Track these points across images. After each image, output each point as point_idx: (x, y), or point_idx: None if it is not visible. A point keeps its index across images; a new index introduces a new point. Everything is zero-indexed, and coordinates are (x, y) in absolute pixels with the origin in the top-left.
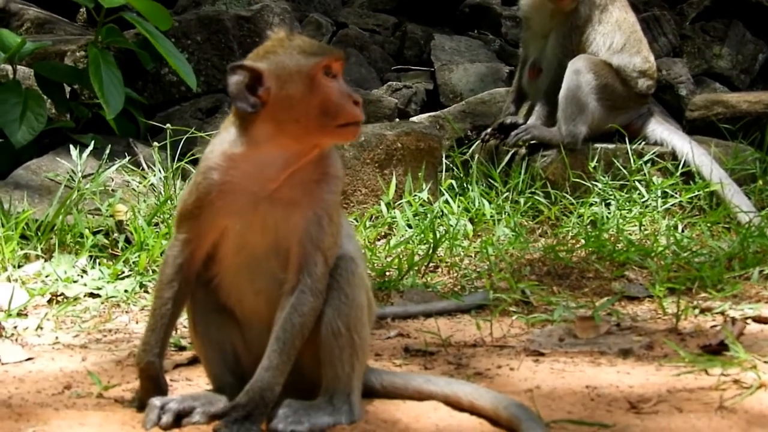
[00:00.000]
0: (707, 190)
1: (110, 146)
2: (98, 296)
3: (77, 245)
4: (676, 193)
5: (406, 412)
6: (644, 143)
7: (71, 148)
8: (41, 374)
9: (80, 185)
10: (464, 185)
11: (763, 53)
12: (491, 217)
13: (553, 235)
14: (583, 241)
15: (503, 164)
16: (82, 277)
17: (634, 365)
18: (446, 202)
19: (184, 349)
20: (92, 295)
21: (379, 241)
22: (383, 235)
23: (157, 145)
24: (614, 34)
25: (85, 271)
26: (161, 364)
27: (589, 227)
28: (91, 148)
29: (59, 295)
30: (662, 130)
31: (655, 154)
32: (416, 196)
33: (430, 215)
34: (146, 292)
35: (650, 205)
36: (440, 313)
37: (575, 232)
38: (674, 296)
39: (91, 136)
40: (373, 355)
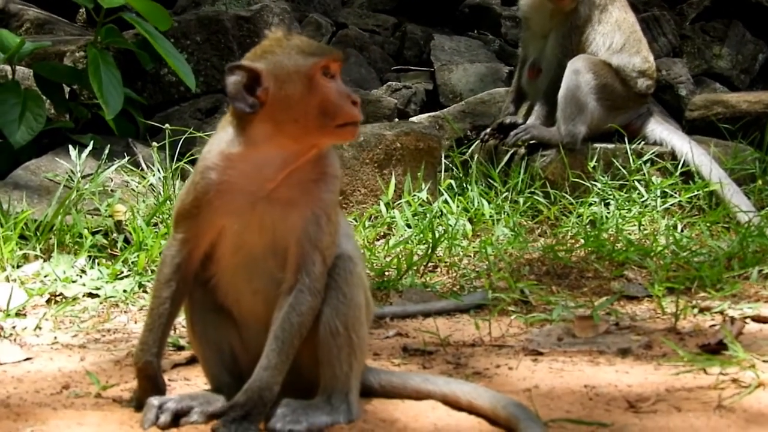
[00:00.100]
0: (707, 189)
1: (109, 146)
2: (97, 296)
3: (76, 245)
4: (675, 192)
5: (404, 411)
6: (644, 143)
7: (70, 148)
8: (40, 374)
9: (79, 185)
10: (463, 185)
11: (762, 53)
12: (490, 216)
13: (552, 234)
14: (582, 240)
15: (502, 164)
16: (80, 277)
17: (632, 364)
18: (445, 202)
19: (182, 348)
20: (91, 295)
21: (378, 241)
22: (382, 235)
23: (156, 145)
24: (614, 34)
25: (84, 271)
26: (159, 363)
27: (588, 227)
28: (90, 148)
29: (58, 295)
30: (662, 129)
31: (654, 153)
32: (415, 196)
33: (429, 215)
34: (145, 292)
35: (649, 204)
36: (439, 312)
37: (574, 231)
38: (673, 296)
39: (90, 136)
40: (371, 354)
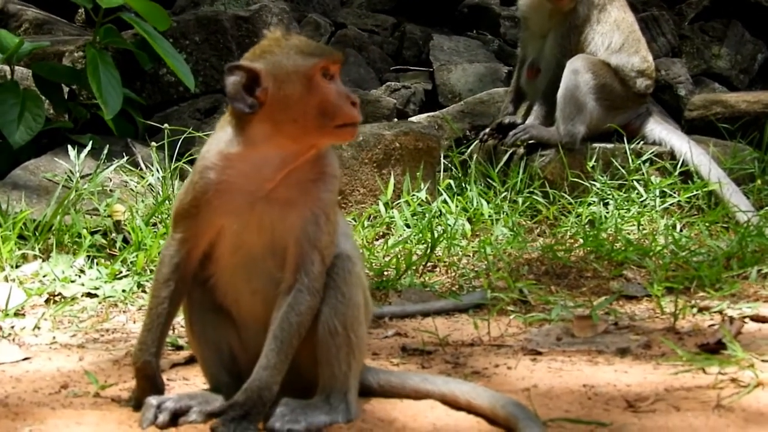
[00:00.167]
0: (706, 189)
1: (108, 146)
2: (96, 296)
3: (75, 245)
4: (674, 192)
5: (403, 411)
6: (643, 143)
7: (69, 148)
8: (38, 374)
9: (78, 185)
10: (462, 185)
11: (762, 53)
12: (489, 216)
13: (551, 234)
14: (581, 240)
15: (501, 164)
16: (79, 276)
17: (631, 364)
18: (444, 201)
19: (181, 348)
20: (90, 294)
21: (377, 240)
22: (381, 234)
23: (155, 145)
24: (613, 33)
25: (82, 270)
26: (158, 363)
27: (587, 227)
28: (89, 148)
29: (57, 294)
30: (661, 129)
31: (653, 153)
32: (414, 195)
33: (428, 215)
34: (144, 292)
35: (648, 204)
36: (438, 312)
37: (573, 231)
38: (672, 295)
39: (89, 136)
40: (370, 354)
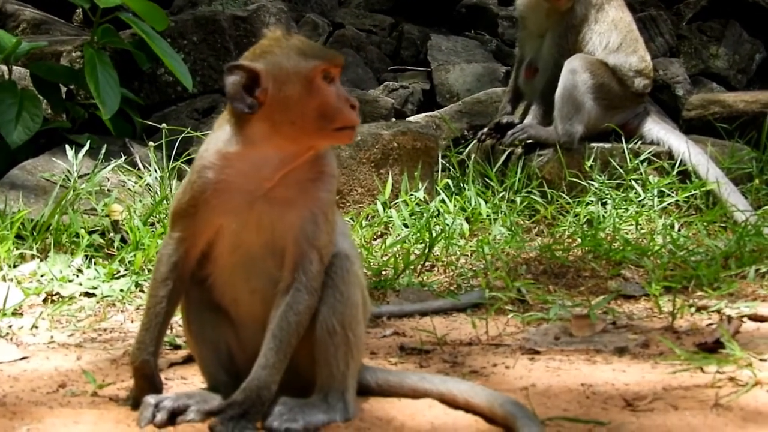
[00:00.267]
0: (704, 189)
1: (106, 146)
2: (93, 295)
3: (73, 245)
4: (672, 192)
5: (401, 410)
6: (640, 142)
7: (67, 148)
8: (36, 373)
9: (76, 185)
10: (460, 185)
11: (759, 53)
12: (487, 216)
13: (549, 234)
14: (579, 240)
15: (499, 164)
16: (77, 276)
17: (629, 363)
18: (442, 201)
19: (179, 347)
20: (87, 294)
21: (375, 240)
22: (379, 234)
23: (153, 145)
24: (610, 33)
25: (80, 270)
26: (156, 362)
27: (585, 226)
28: (86, 148)
29: (54, 294)
30: (659, 129)
31: (651, 153)
32: (412, 195)
33: (426, 214)
34: (142, 291)
35: (646, 204)
36: (436, 311)
37: (571, 231)
38: (670, 295)
39: (87, 136)
40: (368, 353)
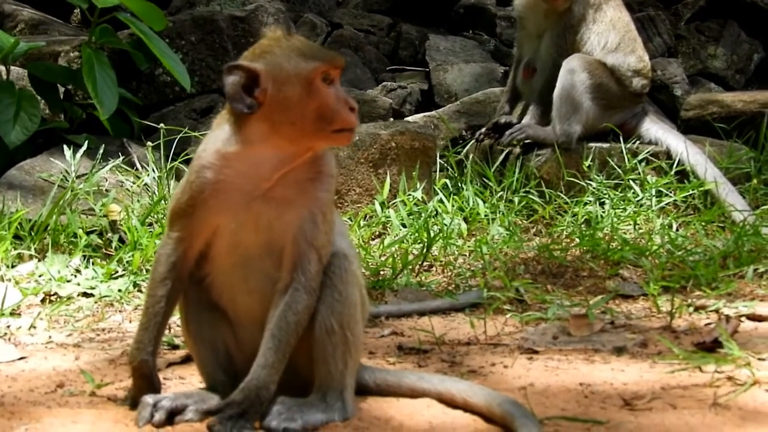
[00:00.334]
0: (702, 189)
1: (104, 146)
2: (91, 296)
3: (71, 245)
4: (670, 192)
5: (399, 409)
6: (639, 142)
7: (65, 148)
8: (34, 373)
9: (74, 185)
10: (458, 184)
11: (758, 53)
12: (485, 216)
13: (547, 234)
14: (577, 240)
15: (498, 163)
16: (75, 276)
17: (628, 362)
18: (440, 201)
19: (177, 347)
20: (85, 294)
21: (373, 240)
22: (377, 234)
23: (150, 145)
24: (609, 33)
25: (78, 270)
26: (154, 362)
27: (583, 226)
28: (84, 148)
29: (52, 294)
30: (657, 129)
31: (649, 153)
32: (410, 195)
33: (424, 214)
34: (140, 291)
35: (645, 204)
36: (434, 311)
37: (569, 231)
38: (668, 294)
39: (84, 136)
40: (366, 353)
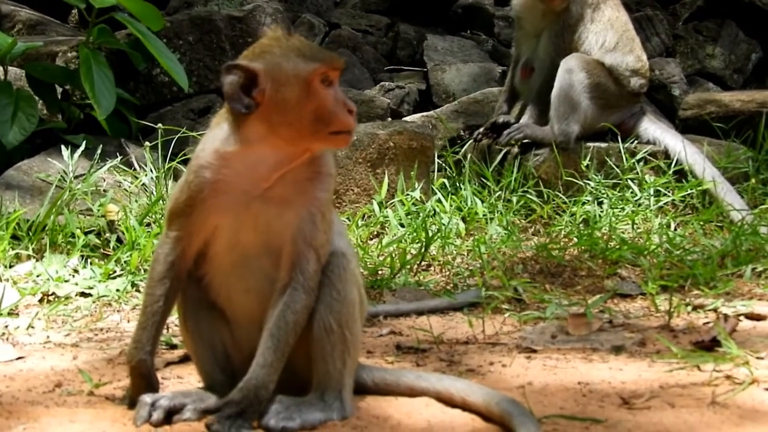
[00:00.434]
0: (700, 188)
1: (102, 146)
2: (89, 295)
3: (69, 245)
4: (668, 191)
5: (397, 408)
6: (637, 142)
7: (63, 148)
8: (32, 372)
9: (72, 185)
10: (457, 184)
11: (756, 53)
12: (484, 215)
13: (545, 233)
14: (575, 239)
15: (496, 163)
16: (73, 276)
17: (626, 361)
18: (438, 201)
19: (175, 347)
20: (83, 294)
21: (371, 240)
22: (375, 234)
23: (148, 145)
24: (606, 32)
25: (76, 270)
26: (152, 361)
27: (581, 226)
28: (82, 148)
29: (50, 294)
30: (655, 128)
31: (647, 152)
32: (408, 195)
33: (422, 214)
34: (138, 291)
35: (643, 203)
36: (432, 311)
37: (568, 230)
38: (667, 294)
39: (82, 136)
40: (365, 352)
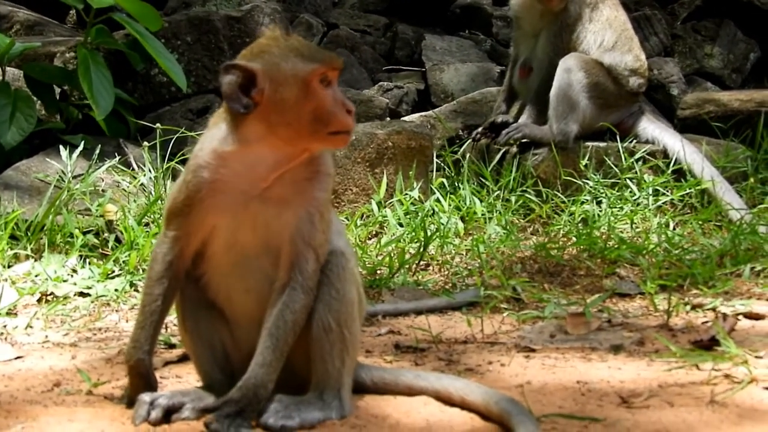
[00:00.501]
0: (698, 187)
1: (100, 147)
2: (88, 295)
3: (67, 245)
4: (667, 190)
5: (396, 407)
6: (635, 141)
7: (61, 148)
8: (30, 372)
9: (70, 185)
10: (455, 184)
11: (754, 52)
12: (482, 215)
13: (544, 233)
14: (574, 238)
15: (494, 163)
16: (71, 276)
17: (625, 361)
18: (437, 200)
19: (174, 346)
20: (82, 294)
21: (370, 239)
22: (374, 233)
23: (147, 145)
24: (605, 32)
25: (75, 270)
26: (151, 361)
27: (580, 225)
28: (81, 148)
29: (49, 294)
30: (653, 128)
31: (646, 152)
32: (407, 194)
33: (421, 214)
34: (136, 291)
35: (641, 203)
36: (431, 310)
37: (566, 230)
38: (665, 293)
39: (81, 136)
40: (364, 352)
